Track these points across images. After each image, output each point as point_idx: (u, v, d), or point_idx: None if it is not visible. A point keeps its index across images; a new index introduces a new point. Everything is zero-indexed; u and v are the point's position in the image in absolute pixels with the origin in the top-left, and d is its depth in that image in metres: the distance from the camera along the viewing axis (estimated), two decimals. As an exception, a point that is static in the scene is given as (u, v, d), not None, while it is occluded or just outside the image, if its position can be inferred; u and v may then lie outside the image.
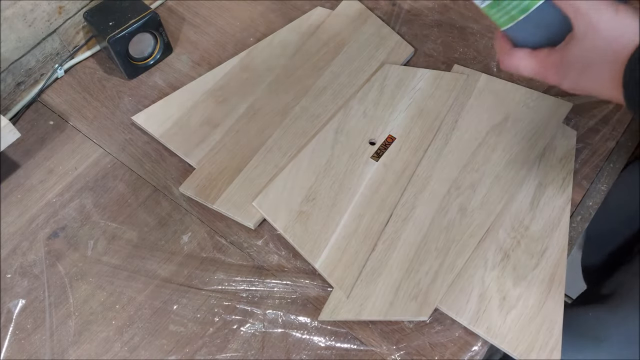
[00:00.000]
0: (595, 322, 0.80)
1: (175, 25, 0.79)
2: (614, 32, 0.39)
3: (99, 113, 0.72)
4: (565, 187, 0.62)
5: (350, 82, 0.71)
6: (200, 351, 0.55)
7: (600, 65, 0.40)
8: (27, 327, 0.57)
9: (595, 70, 0.40)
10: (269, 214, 0.61)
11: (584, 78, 0.41)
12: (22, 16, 0.67)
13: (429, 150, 0.65)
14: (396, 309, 0.55)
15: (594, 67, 0.40)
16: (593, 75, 0.41)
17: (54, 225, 0.63)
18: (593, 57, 0.40)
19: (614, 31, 0.39)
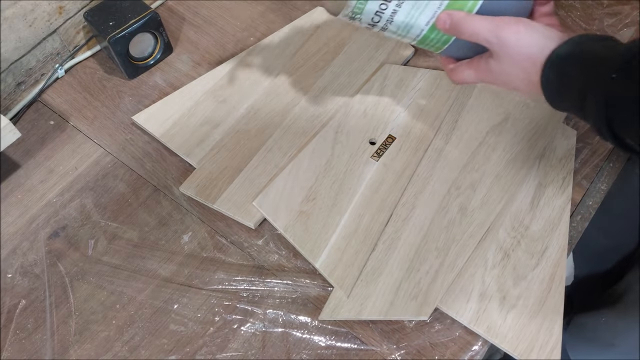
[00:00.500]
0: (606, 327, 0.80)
1: (176, 25, 0.79)
2: (523, 48, 0.45)
3: (100, 113, 0.72)
4: (565, 186, 0.62)
5: (350, 82, 0.71)
6: (200, 351, 0.55)
7: (520, 74, 0.46)
8: (28, 327, 0.57)
9: (517, 79, 0.47)
10: (269, 213, 0.61)
11: (510, 84, 0.48)
12: (23, 16, 0.67)
13: (429, 150, 0.65)
14: (396, 308, 0.55)
15: (516, 76, 0.47)
16: (517, 82, 0.47)
17: (54, 225, 0.63)
18: (512, 70, 0.47)
19: (522, 48, 0.45)
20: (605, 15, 0.76)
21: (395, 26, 0.50)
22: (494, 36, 0.46)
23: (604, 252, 0.91)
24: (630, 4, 0.77)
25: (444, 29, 0.49)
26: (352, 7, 0.48)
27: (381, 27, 0.50)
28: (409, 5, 0.48)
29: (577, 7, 0.77)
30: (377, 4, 0.48)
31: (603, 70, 0.40)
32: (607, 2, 0.77)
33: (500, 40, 0.46)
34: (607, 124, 0.41)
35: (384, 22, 0.49)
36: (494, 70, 0.48)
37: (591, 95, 0.41)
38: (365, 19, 0.50)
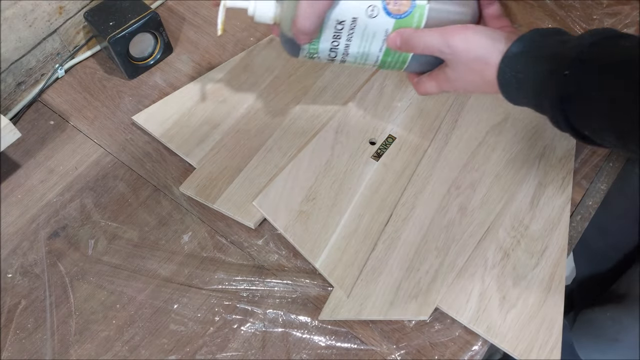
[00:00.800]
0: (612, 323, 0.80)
1: (176, 25, 0.79)
2: (473, 52, 0.47)
3: (100, 113, 0.72)
4: (565, 186, 0.62)
5: (350, 82, 0.71)
6: (200, 350, 0.55)
7: (475, 77, 0.48)
8: (28, 327, 0.57)
9: (474, 82, 0.49)
10: (269, 213, 0.61)
11: (469, 88, 0.50)
12: (23, 16, 0.67)
13: (429, 150, 0.65)
14: (396, 308, 0.55)
15: (472, 80, 0.49)
16: (474, 85, 0.49)
17: (54, 225, 0.63)
18: (468, 74, 0.49)
19: (472, 52, 0.47)
20: (605, 16, 0.76)
21: (352, 57, 0.53)
22: (444, 46, 0.48)
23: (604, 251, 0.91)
24: (630, 4, 0.77)
25: (396, 47, 0.51)
26: (307, 50, 0.52)
27: (340, 60, 0.53)
28: (357, 38, 0.51)
29: (577, 7, 0.77)
30: (329, 43, 0.51)
31: (556, 66, 0.42)
32: (607, 2, 0.77)
33: (451, 49, 0.47)
34: (564, 118, 0.42)
35: (341, 56, 0.53)
36: (451, 79, 0.50)
37: (546, 92, 0.43)
38: (323, 57, 0.53)
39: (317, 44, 0.51)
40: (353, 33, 0.50)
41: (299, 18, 0.48)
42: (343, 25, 0.50)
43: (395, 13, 0.49)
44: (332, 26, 0.50)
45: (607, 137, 0.41)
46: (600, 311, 0.83)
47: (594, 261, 0.94)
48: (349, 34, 0.50)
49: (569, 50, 0.41)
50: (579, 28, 0.75)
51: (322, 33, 0.50)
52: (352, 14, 0.49)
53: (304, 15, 0.47)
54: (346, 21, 0.49)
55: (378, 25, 0.50)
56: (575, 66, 0.40)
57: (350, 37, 0.51)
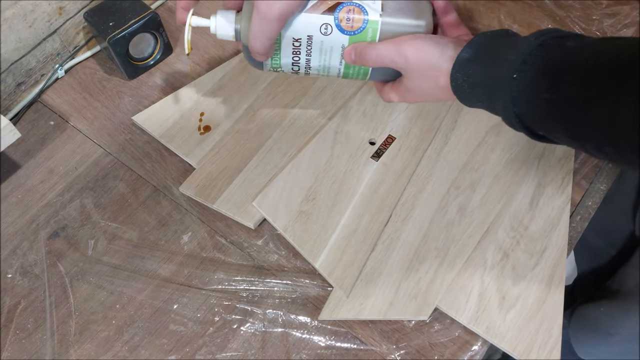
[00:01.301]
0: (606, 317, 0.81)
1: (176, 25, 0.79)
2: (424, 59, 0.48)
3: (100, 113, 0.72)
4: (565, 186, 0.62)
5: (350, 83, 0.71)
6: (200, 351, 0.55)
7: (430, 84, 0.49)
8: (28, 327, 0.57)
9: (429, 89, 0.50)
10: (269, 213, 0.61)
11: (426, 96, 0.52)
12: (23, 17, 0.67)
13: (429, 150, 0.65)
14: (396, 308, 0.55)
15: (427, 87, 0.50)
16: (430, 92, 0.51)
17: (54, 225, 0.63)
18: (422, 82, 0.50)
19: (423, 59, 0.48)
20: (605, 16, 0.76)
21: (315, 70, 0.55)
22: (397, 55, 0.49)
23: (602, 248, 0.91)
24: (629, 4, 0.77)
25: (352, 62, 0.52)
26: (270, 64, 0.54)
27: (303, 73, 0.55)
28: (316, 53, 0.53)
29: (577, 8, 0.77)
30: (290, 58, 0.53)
31: (505, 70, 0.42)
32: (607, 3, 0.77)
33: (403, 58, 0.49)
34: (518, 121, 0.43)
35: (303, 69, 0.55)
36: (409, 89, 0.51)
37: (497, 95, 0.43)
38: (287, 70, 0.55)
39: (278, 59, 0.53)
40: (311, 49, 0.52)
41: (250, 39, 0.50)
42: (300, 43, 0.52)
43: (348, 30, 0.51)
44: (289, 43, 0.52)
45: (561, 137, 0.41)
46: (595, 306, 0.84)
47: (593, 258, 0.94)
48: (307, 50, 0.52)
49: (517, 53, 0.42)
50: (578, 28, 0.75)
51: (281, 49, 0.52)
52: (307, 32, 0.51)
53: (254, 37, 0.49)
54: (302, 39, 0.51)
55: (334, 42, 0.51)
56: (522, 69, 0.41)
57: (309, 52, 0.52)
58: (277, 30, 0.49)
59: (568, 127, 0.39)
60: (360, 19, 0.50)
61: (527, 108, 0.42)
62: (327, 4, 0.50)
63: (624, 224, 0.84)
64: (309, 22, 0.50)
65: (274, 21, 0.48)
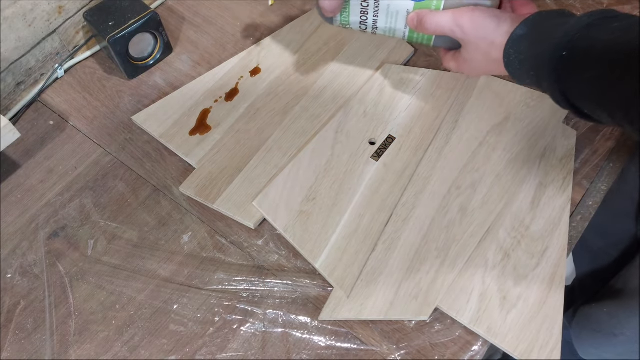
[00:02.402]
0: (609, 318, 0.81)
1: (176, 25, 0.79)
2: (479, 31, 0.50)
3: (99, 113, 0.72)
4: (566, 186, 0.62)
5: (350, 83, 0.71)
6: (200, 351, 0.55)
7: (483, 56, 0.52)
8: (28, 327, 0.57)
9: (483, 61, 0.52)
10: (269, 213, 0.61)
11: (480, 69, 0.54)
12: (22, 16, 0.67)
13: (430, 150, 0.65)
14: (397, 308, 0.55)
15: (481, 59, 0.52)
16: (483, 64, 0.53)
17: (54, 225, 0.63)
18: (477, 54, 0.52)
19: (479, 30, 0.50)
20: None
21: (382, 30, 0.59)
22: (455, 25, 0.52)
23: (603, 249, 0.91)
24: (630, 4, 0.76)
25: (414, 27, 0.56)
26: (339, 21, 0.59)
27: (370, 32, 0.59)
28: (383, 15, 0.57)
29: (578, 7, 0.77)
30: (358, 17, 0.57)
31: (552, 48, 0.44)
32: (607, 2, 0.77)
33: (460, 28, 0.51)
34: (563, 97, 0.44)
35: (371, 28, 0.59)
36: (466, 59, 0.54)
37: (545, 73, 0.45)
38: (355, 27, 0.59)
39: (347, 16, 0.58)
40: (378, 11, 0.56)
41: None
42: (368, 4, 0.56)
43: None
44: (357, 3, 0.56)
45: (601, 115, 0.43)
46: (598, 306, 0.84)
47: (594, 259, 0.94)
48: (374, 11, 0.56)
49: (565, 33, 0.43)
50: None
51: (350, 8, 0.57)
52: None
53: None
54: (369, 0, 0.55)
55: (399, 6, 0.55)
56: (568, 48, 0.42)
57: (376, 13, 0.56)
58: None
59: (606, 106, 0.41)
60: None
61: (572, 86, 0.43)
62: None
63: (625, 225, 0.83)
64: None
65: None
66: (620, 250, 0.88)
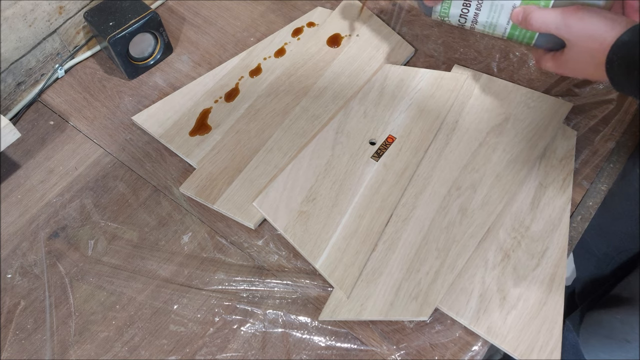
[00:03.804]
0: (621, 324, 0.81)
1: (176, 25, 0.79)
2: (588, 31, 0.49)
3: (100, 113, 0.72)
4: (566, 187, 0.62)
5: (351, 83, 0.71)
6: (200, 351, 0.55)
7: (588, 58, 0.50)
8: (28, 327, 0.57)
9: (586, 63, 0.51)
10: (269, 214, 0.61)
11: (581, 71, 0.52)
12: (23, 16, 0.67)
13: (430, 151, 0.65)
14: (397, 309, 0.55)
15: (585, 61, 0.51)
16: (586, 66, 0.51)
17: (54, 226, 0.63)
18: (581, 55, 0.51)
19: (587, 31, 0.49)
20: None
21: (481, 25, 0.57)
22: (562, 23, 0.50)
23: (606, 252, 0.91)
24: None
25: (518, 22, 0.54)
26: (439, 12, 0.57)
27: (469, 26, 0.57)
28: (486, 8, 0.55)
29: None
30: (459, 9, 0.56)
31: None
32: (608, 3, 0.77)
33: (567, 27, 0.50)
34: None
35: (470, 22, 0.57)
36: (568, 60, 0.52)
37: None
38: (454, 21, 0.57)
39: (447, 8, 0.56)
40: (482, 3, 0.54)
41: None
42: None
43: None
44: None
45: None
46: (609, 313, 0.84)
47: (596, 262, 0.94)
48: (478, 3, 0.54)
49: None
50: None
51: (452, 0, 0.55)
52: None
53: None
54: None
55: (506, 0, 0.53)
56: None
57: (479, 6, 0.55)
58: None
59: None
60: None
61: None
62: None
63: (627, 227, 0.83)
64: None
65: None
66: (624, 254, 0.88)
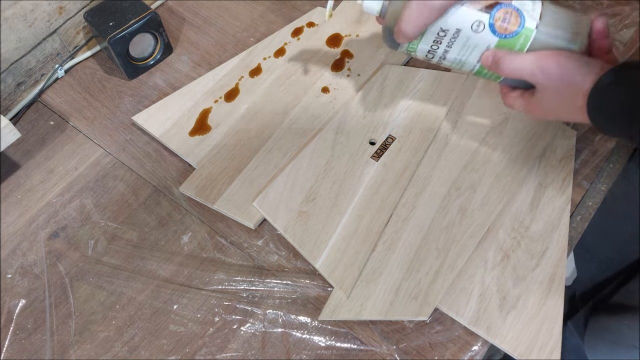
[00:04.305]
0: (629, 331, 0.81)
1: (176, 25, 0.79)
2: (566, 77, 0.47)
3: (99, 113, 0.72)
4: (565, 187, 0.62)
5: (350, 83, 0.71)
6: (200, 351, 0.55)
7: (565, 103, 0.48)
8: (28, 327, 0.57)
9: (564, 107, 0.49)
10: (269, 214, 0.61)
11: (558, 114, 0.51)
12: (23, 16, 0.67)
13: (429, 151, 0.65)
14: (396, 309, 0.55)
15: (562, 105, 0.49)
16: (563, 111, 0.49)
17: (54, 226, 0.63)
18: (558, 99, 0.48)
19: (565, 76, 0.47)
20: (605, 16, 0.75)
21: (449, 62, 0.54)
22: (538, 70, 0.48)
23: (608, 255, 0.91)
24: (630, 4, 0.76)
25: (487, 66, 0.51)
26: (406, 47, 0.53)
27: (436, 62, 0.54)
28: (457, 47, 0.51)
29: (577, 8, 0.77)
30: (429, 46, 0.52)
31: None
32: (607, 3, 0.77)
33: (543, 73, 0.47)
34: None
35: (438, 58, 0.53)
36: (541, 103, 0.50)
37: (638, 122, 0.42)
38: (421, 56, 0.54)
39: (416, 44, 0.52)
40: (454, 42, 0.51)
41: (402, 21, 0.49)
42: (445, 34, 0.50)
43: (500, 32, 0.49)
44: (434, 32, 0.50)
45: None
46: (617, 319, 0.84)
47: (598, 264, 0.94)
48: (449, 42, 0.51)
49: None
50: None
51: (423, 36, 0.51)
52: (457, 25, 0.49)
53: (408, 21, 0.48)
54: (449, 30, 0.50)
55: (480, 40, 0.50)
56: None
57: (450, 44, 0.51)
58: (434, 20, 0.48)
59: None
60: (516, 24, 0.49)
61: None
62: (486, 1, 0.49)
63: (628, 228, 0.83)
64: (463, 16, 0.49)
65: (435, 10, 0.47)
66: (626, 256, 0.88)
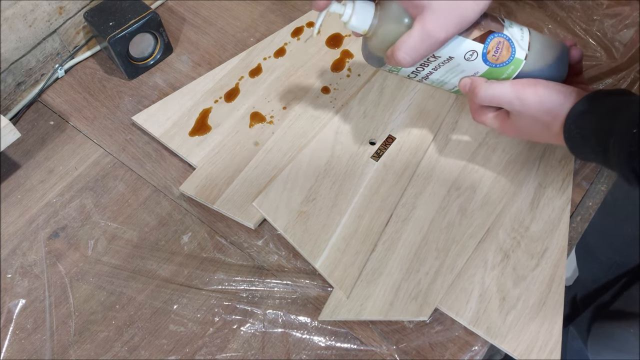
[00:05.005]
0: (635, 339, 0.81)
1: (176, 25, 0.79)
2: (544, 105, 0.48)
3: (99, 113, 0.72)
4: (565, 187, 0.62)
5: (351, 83, 0.71)
6: (200, 351, 0.55)
7: (542, 129, 0.50)
8: (28, 327, 0.57)
9: (540, 133, 0.51)
10: (269, 214, 0.61)
11: (532, 136, 0.52)
12: (23, 16, 0.67)
13: (429, 151, 0.65)
14: (396, 309, 0.55)
15: (538, 131, 0.50)
16: (539, 135, 0.51)
17: (54, 225, 0.63)
18: (535, 125, 0.50)
19: (544, 105, 0.48)
20: (605, 16, 0.76)
21: (430, 81, 0.54)
22: (516, 99, 0.49)
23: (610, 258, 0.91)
24: (630, 4, 0.76)
25: (465, 93, 0.52)
26: (388, 68, 0.52)
27: (417, 81, 0.54)
28: (444, 70, 0.51)
29: (577, 8, 0.77)
30: (414, 67, 0.51)
31: (622, 125, 0.42)
32: (607, 3, 0.77)
33: (521, 101, 0.49)
34: (634, 175, 0.42)
35: (420, 78, 0.53)
36: (517, 126, 0.51)
37: (613, 149, 0.43)
38: (403, 74, 0.53)
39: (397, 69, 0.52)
40: (442, 66, 0.51)
41: (400, 50, 0.47)
42: (436, 59, 0.50)
43: (492, 62, 0.50)
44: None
45: None
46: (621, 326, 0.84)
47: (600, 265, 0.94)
48: (437, 65, 0.51)
49: (636, 109, 0.42)
50: (579, 29, 0.75)
51: None
52: (451, 53, 0.50)
53: (407, 50, 0.47)
54: (441, 57, 0.50)
55: (470, 67, 0.51)
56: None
57: (437, 68, 0.51)
58: (434, 51, 0.48)
59: None
60: (507, 54, 0.49)
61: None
62: (480, 31, 0.49)
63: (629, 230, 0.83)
64: (458, 46, 0.49)
65: (437, 43, 0.47)
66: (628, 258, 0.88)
